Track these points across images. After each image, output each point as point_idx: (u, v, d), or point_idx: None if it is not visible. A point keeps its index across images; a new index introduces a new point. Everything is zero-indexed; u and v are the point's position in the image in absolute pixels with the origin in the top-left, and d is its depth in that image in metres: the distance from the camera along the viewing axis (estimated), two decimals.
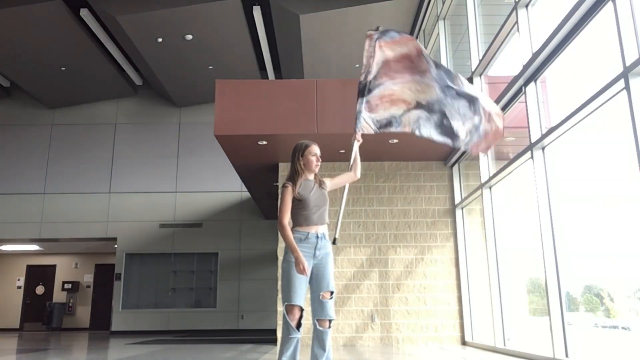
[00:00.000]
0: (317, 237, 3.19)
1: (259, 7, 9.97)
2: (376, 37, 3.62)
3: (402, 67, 3.59)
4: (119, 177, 13.59)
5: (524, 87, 5.33)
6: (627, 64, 3.56)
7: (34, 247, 15.15)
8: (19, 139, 13.89)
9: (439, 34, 8.57)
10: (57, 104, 13.96)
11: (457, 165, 7.90)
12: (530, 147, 5.14)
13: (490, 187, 6.58)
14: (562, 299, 4.63)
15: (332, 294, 3.14)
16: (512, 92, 5.62)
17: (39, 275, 16.13)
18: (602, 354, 4.74)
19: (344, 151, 7.50)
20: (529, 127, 5.20)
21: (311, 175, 3.36)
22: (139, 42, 10.68)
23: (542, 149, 5.04)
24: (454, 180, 7.90)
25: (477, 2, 7.13)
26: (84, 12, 10.02)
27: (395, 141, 7.19)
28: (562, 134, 4.68)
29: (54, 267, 16.13)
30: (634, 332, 4.31)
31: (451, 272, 7.57)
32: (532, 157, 5.13)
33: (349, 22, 10.01)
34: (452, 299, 7.47)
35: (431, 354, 6.11)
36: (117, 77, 13.00)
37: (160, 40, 10.64)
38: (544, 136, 4.92)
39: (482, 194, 6.67)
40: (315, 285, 3.16)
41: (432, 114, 3.52)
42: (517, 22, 5.48)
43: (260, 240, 13.16)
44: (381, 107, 3.59)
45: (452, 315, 7.42)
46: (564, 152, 4.88)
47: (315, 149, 3.38)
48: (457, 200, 7.76)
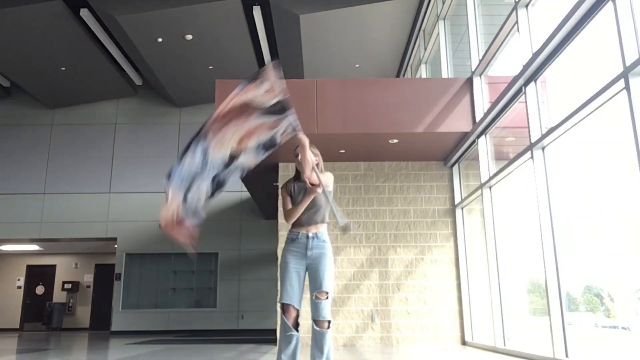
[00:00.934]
0: (308, 237, 3.18)
1: (259, 7, 9.97)
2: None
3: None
4: (119, 177, 13.59)
5: (524, 87, 5.33)
6: (627, 64, 3.56)
7: (34, 247, 15.15)
8: (19, 139, 13.89)
9: (439, 34, 8.57)
10: (57, 104, 13.96)
11: (457, 165, 7.89)
12: (530, 147, 5.14)
13: (490, 187, 6.58)
14: (562, 299, 4.63)
15: (327, 294, 3.11)
16: (512, 92, 5.62)
17: (39, 275, 16.13)
18: (602, 354, 4.74)
19: (344, 151, 7.50)
20: (529, 127, 5.20)
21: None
22: (139, 42, 10.68)
23: (542, 149, 5.04)
24: (454, 180, 7.90)
25: (477, 2, 7.13)
26: (84, 12, 10.01)
27: (395, 141, 7.19)
28: (562, 134, 4.68)
29: (54, 267, 16.14)
30: (634, 332, 4.31)
31: (451, 272, 7.57)
32: (532, 157, 5.13)
33: (349, 22, 10.00)
34: (452, 299, 7.47)
35: (431, 354, 6.11)
36: (117, 77, 13.00)
37: (160, 40, 10.64)
38: (544, 136, 4.92)
39: (482, 194, 6.67)
40: (310, 285, 3.17)
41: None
42: (517, 22, 5.48)
43: (260, 240, 13.16)
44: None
45: (452, 315, 7.42)
46: (564, 152, 4.88)
47: (297, 149, 3.36)
48: (457, 200, 7.76)
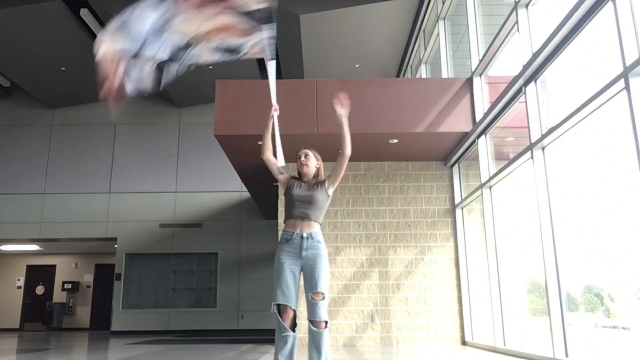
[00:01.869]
0: (302, 237, 3.17)
1: None
2: None
3: None
4: (119, 177, 13.59)
5: (524, 87, 5.33)
6: (627, 64, 3.55)
7: (34, 247, 15.15)
8: (19, 139, 13.89)
9: (439, 34, 8.57)
10: (57, 104, 13.96)
11: (457, 165, 7.90)
12: (530, 147, 5.14)
13: (490, 187, 6.58)
14: (562, 299, 4.63)
15: (323, 295, 3.10)
16: (512, 92, 5.62)
17: (39, 275, 16.13)
18: (602, 354, 4.73)
19: None
20: (529, 127, 5.20)
21: (308, 177, 3.40)
22: None
23: (542, 149, 5.04)
24: (454, 180, 7.90)
25: (477, 2, 7.13)
26: (84, 12, 10.02)
27: (395, 141, 7.19)
28: (562, 134, 4.68)
29: (54, 267, 16.14)
30: (634, 332, 4.31)
31: (451, 272, 7.57)
32: (532, 157, 5.13)
33: (349, 22, 10.00)
34: (452, 299, 7.47)
35: (431, 354, 6.11)
36: None
37: None
38: (544, 136, 4.92)
39: (482, 194, 6.67)
40: (305, 285, 3.16)
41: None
42: (517, 22, 5.48)
43: (260, 240, 13.16)
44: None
45: (452, 315, 7.42)
46: (564, 151, 4.87)
47: (301, 151, 3.48)
48: (457, 200, 7.76)
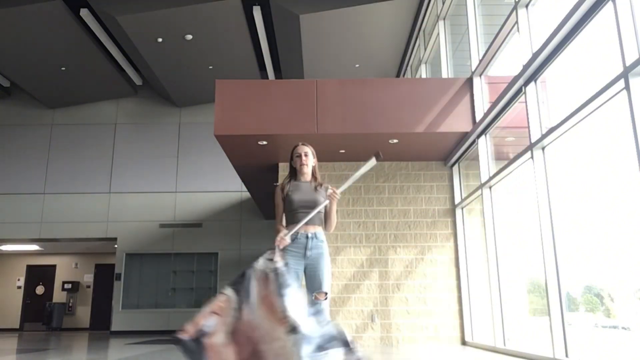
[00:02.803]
0: (307, 237, 3.17)
1: (259, 7, 9.97)
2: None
3: None
4: (119, 177, 13.59)
5: (524, 87, 5.33)
6: (627, 64, 3.55)
7: (34, 247, 15.15)
8: (19, 139, 13.89)
9: (439, 34, 8.57)
10: (57, 104, 13.96)
11: (457, 165, 7.89)
12: (530, 147, 5.14)
13: (490, 187, 6.58)
14: (562, 299, 4.62)
15: (326, 295, 3.11)
16: (512, 92, 5.62)
17: (39, 275, 16.13)
18: (602, 354, 4.73)
19: (344, 151, 7.50)
20: (529, 127, 5.20)
21: (306, 176, 3.37)
22: (139, 42, 10.68)
23: (542, 149, 5.04)
24: (454, 180, 7.89)
25: (477, 2, 7.13)
26: (84, 12, 10.01)
27: (395, 141, 7.19)
28: (562, 134, 4.68)
29: (54, 267, 16.14)
30: (634, 332, 4.31)
31: (451, 272, 7.57)
32: (532, 157, 5.13)
33: (349, 22, 10.00)
34: (452, 299, 7.47)
35: (431, 354, 6.11)
36: (117, 77, 13.00)
37: (160, 40, 10.64)
38: (544, 136, 4.92)
39: (482, 194, 6.67)
40: (308, 285, 3.15)
41: None
42: (517, 22, 5.48)
43: (260, 240, 13.15)
44: None
45: (452, 315, 7.42)
46: (564, 151, 4.87)
47: (300, 149, 3.37)
48: (457, 200, 7.76)
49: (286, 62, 12.03)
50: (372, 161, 3.08)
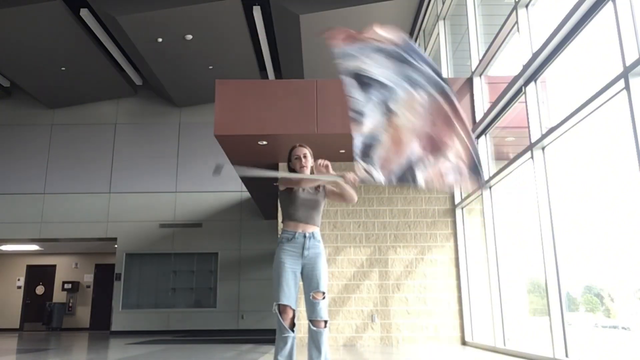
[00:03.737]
0: (305, 236, 3.16)
1: (259, 7, 9.97)
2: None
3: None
4: (119, 177, 13.59)
5: (524, 87, 5.33)
6: (627, 64, 3.55)
7: (34, 247, 15.15)
8: (19, 139, 13.89)
9: (439, 34, 8.57)
10: (57, 104, 13.96)
11: None
12: (530, 147, 5.14)
13: (490, 187, 6.58)
14: (562, 299, 4.62)
15: (323, 294, 3.10)
16: (512, 92, 5.62)
17: (39, 275, 16.13)
18: (602, 354, 4.74)
19: (344, 151, 7.49)
20: (529, 127, 5.20)
21: None
22: (139, 42, 10.68)
23: (542, 149, 5.04)
24: None
25: (477, 2, 7.14)
26: (84, 12, 10.02)
27: None
28: (562, 134, 4.68)
29: (54, 267, 16.14)
30: (634, 332, 4.31)
31: (451, 272, 7.57)
32: (532, 157, 5.13)
33: (349, 22, 10.00)
34: (452, 299, 7.47)
35: (431, 354, 6.11)
36: (117, 77, 13.00)
37: (160, 40, 10.64)
38: (544, 136, 4.92)
39: (482, 194, 6.67)
40: (305, 285, 3.15)
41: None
42: (517, 22, 5.48)
43: (260, 240, 13.16)
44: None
45: (452, 315, 7.42)
46: (564, 151, 4.87)
47: (298, 150, 3.33)
48: (457, 200, 7.76)
49: (286, 62, 12.03)
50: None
